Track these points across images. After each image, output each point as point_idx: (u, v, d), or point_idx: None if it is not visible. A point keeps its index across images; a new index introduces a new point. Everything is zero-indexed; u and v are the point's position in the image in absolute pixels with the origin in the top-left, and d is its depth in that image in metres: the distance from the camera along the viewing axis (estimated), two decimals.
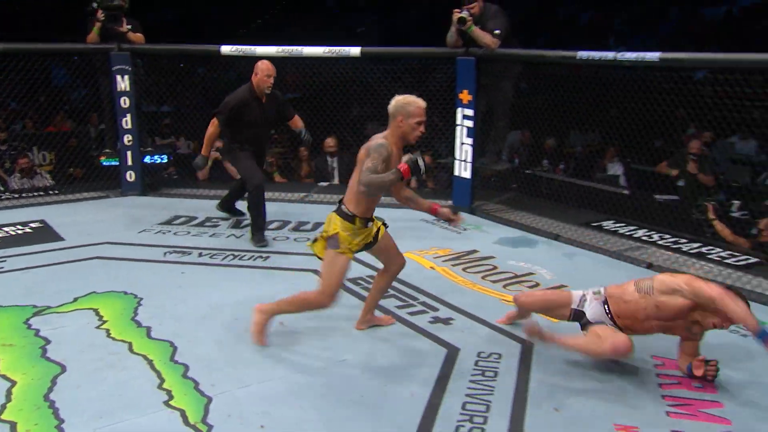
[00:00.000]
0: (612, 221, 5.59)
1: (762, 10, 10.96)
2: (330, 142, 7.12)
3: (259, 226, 5.03)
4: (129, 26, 6.35)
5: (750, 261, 4.62)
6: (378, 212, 3.40)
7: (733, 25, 11.83)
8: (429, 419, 2.75)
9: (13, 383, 2.97)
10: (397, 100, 3.25)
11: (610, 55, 4.90)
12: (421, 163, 3.12)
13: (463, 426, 2.70)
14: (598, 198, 5.93)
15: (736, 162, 6.80)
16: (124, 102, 6.33)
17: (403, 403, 2.87)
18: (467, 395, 2.93)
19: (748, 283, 4.22)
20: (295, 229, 5.47)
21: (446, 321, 3.73)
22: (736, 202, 5.51)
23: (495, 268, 4.60)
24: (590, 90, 5.44)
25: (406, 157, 3.15)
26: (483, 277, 4.41)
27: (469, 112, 5.78)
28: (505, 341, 3.47)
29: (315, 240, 3.34)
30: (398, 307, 3.91)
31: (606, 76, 5.43)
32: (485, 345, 3.42)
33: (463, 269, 4.56)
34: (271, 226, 5.44)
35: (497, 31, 5.59)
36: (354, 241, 3.26)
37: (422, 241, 4.81)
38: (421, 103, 3.23)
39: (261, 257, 4.75)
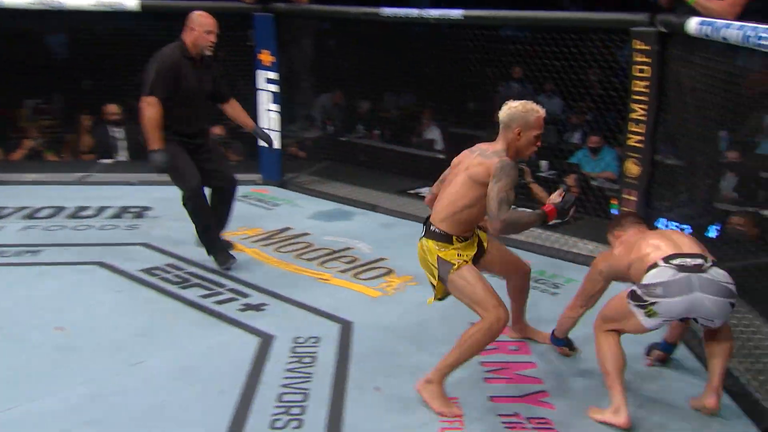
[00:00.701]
0: (429, 187, 5.87)
1: None
2: (112, 108, 6.67)
3: (212, 242, 4.18)
4: None
5: (558, 221, 5.13)
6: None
7: None
8: (241, 416, 2.72)
9: None
10: (514, 108, 2.81)
11: (414, 12, 5.10)
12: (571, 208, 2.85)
13: (278, 419, 2.72)
14: (415, 164, 6.21)
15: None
16: None
17: (211, 402, 2.81)
18: (283, 385, 2.94)
19: (556, 242, 4.69)
20: (74, 216, 5.07)
21: (258, 307, 3.71)
22: (544, 162, 6.07)
23: (310, 245, 4.65)
24: (401, 49, 5.64)
25: (557, 198, 2.86)
26: (297, 256, 4.44)
27: (273, 75, 5.73)
28: (323, 323, 3.53)
29: (435, 286, 2.95)
30: (202, 296, 3.80)
31: (416, 35, 5.65)
32: (302, 329, 3.45)
33: (276, 249, 4.55)
34: (41, 214, 5.03)
35: None
36: (464, 252, 2.88)
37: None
38: (541, 111, 2.83)
39: (30, 252, 4.36)
